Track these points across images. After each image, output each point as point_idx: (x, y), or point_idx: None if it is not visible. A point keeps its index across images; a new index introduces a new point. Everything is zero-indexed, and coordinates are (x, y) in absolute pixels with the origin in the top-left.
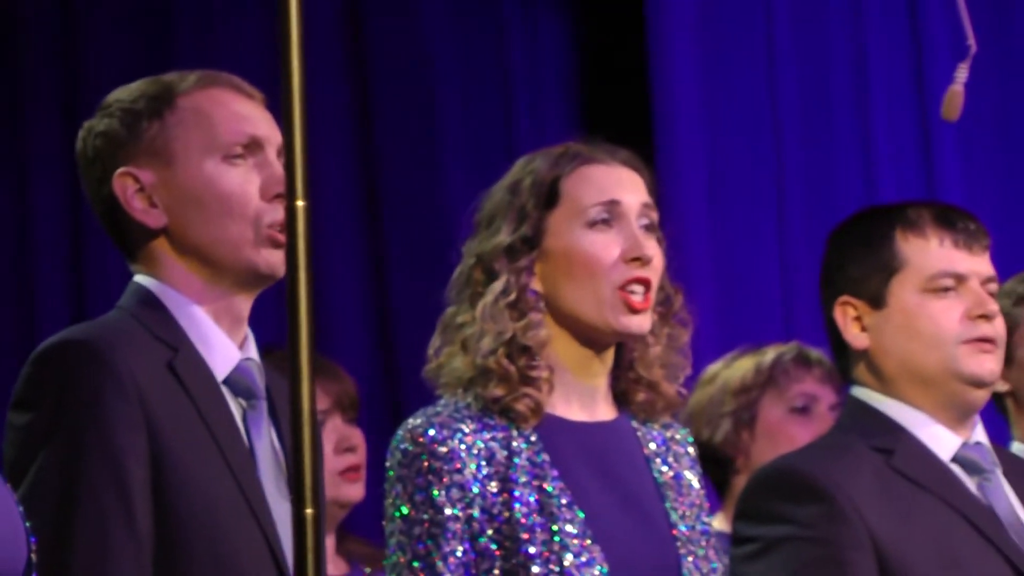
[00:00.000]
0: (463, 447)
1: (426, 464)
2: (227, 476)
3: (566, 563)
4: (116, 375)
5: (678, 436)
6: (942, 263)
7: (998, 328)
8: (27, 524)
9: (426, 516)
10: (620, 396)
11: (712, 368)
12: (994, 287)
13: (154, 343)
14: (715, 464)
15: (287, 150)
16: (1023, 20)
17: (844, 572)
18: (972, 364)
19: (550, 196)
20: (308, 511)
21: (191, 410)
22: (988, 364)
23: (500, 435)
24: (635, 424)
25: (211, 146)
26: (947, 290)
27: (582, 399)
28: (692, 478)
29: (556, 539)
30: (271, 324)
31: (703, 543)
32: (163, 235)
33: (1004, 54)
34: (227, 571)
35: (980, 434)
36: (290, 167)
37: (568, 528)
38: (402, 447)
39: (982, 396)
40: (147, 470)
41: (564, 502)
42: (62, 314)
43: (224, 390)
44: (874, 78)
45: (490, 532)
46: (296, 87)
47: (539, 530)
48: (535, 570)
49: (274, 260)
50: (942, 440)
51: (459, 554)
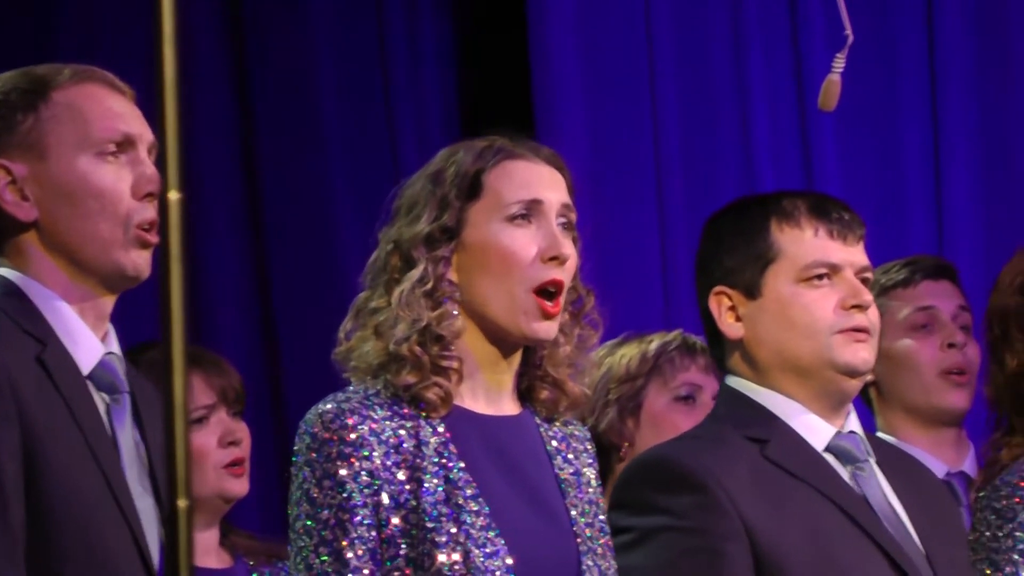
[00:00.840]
0: (372, 434)
1: (335, 450)
2: (95, 470)
3: (472, 554)
4: None
5: (578, 433)
6: (817, 253)
7: (872, 318)
8: None
9: (334, 501)
10: (524, 392)
11: (596, 354)
12: (869, 276)
13: (22, 336)
14: (598, 452)
15: (160, 142)
16: (900, 10)
17: (718, 562)
18: (846, 354)
19: (472, 188)
20: (181, 503)
21: (60, 404)
22: (862, 353)
23: (409, 423)
24: (538, 420)
25: (85, 142)
26: (821, 279)
27: (488, 393)
28: (591, 475)
29: (463, 529)
30: (149, 319)
31: (601, 540)
32: (33, 229)
33: (882, 44)
34: (96, 563)
35: (854, 423)
36: (163, 159)
37: (474, 519)
38: (311, 432)
39: (856, 386)
40: (20, 464)
41: (470, 493)
42: None
43: (88, 384)
44: (753, 68)
45: (397, 520)
46: (169, 76)
47: (446, 520)
48: (441, 559)
49: (140, 261)
50: (816, 429)
51: (367, 540)
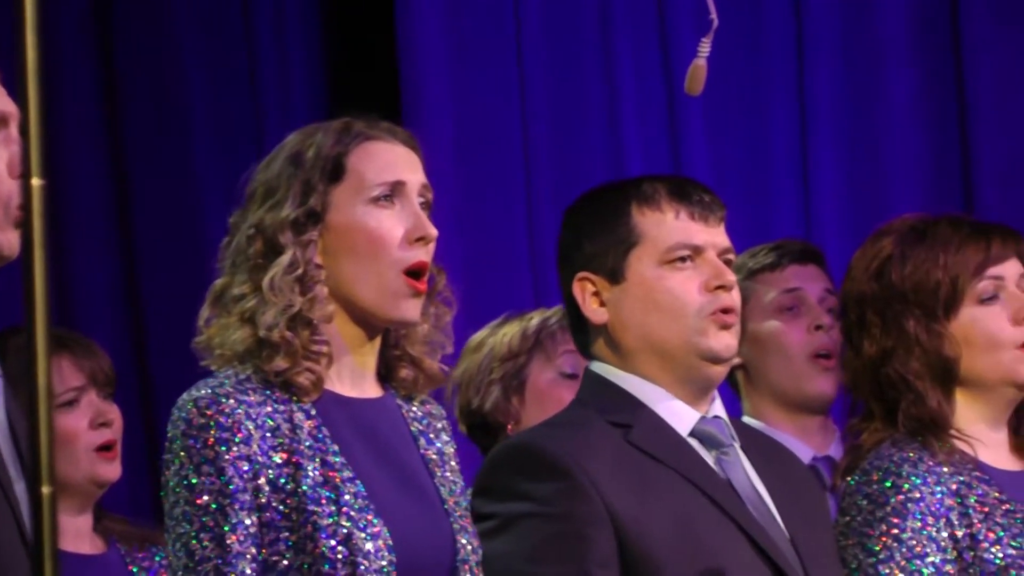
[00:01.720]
0: (249, 418)
1: (213, 435)
2: None
3: (353, 537)
4: None
5: (435, 411)
6: (678, 235)
7: (736, 299)
8: None
9: (214, 487)
10: (385, 372)
11: (478, 335)
12: (731, 258)
13: None
14: (485, 431)
15: (23, 128)
16: None
17: (583, 547)
18: (712, 340)
19: (335, 170)
20: (45, 489)
21: None
22: (726, 339)
23: (282, 407)
24: (399, 401)
25: None
26: (684, 262)
27: (353, 375)
28: (451, 453)
29: (343, 512)
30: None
31: (467, 517)
32: None
33: (749, 29)
34: None
35: (718, 408)
36: (26, 145)
37: (353, 501)
38: (187, 418)
39: (720, 372)
40: None
41: (347, 475)
42: None
43: None
44: (621, 52)
45: (277, 504)
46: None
47: (326, 503)
48: (323, 542)
49: (15, 240)
50: (680, 415)
51: (247, 525)
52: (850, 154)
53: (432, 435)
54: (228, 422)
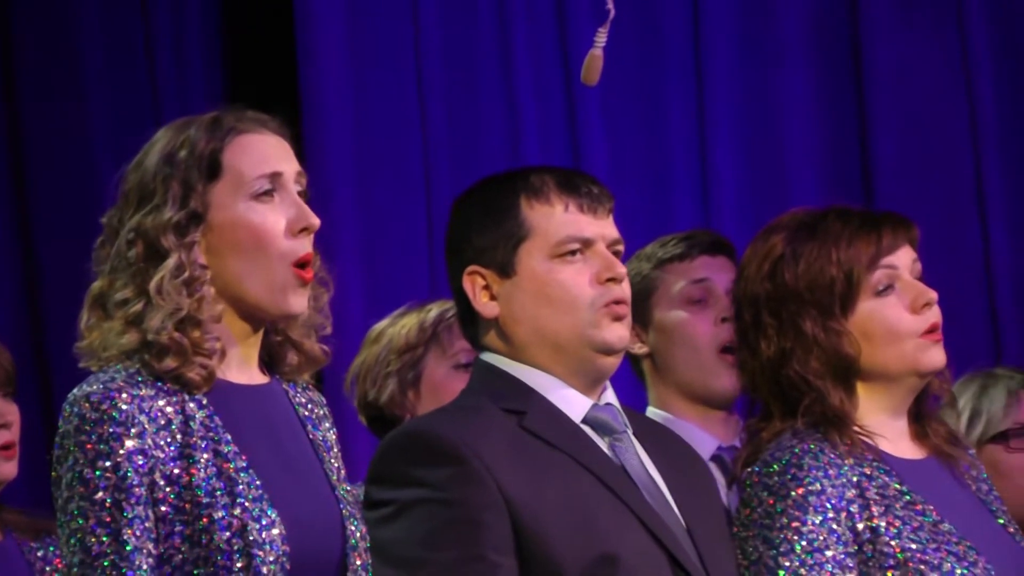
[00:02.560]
0: (142, 412)
1: (107, 430)
2: None
3: (248, 527)
4: None
5: (315, 398)
6: (569, 229)
7: (626, 290)
8: None
9: (109, 482)
10: (268, 358)
11: (378, 326)
12: (620, 249)
13: None
14: (382, 423)
15: None
16: None
17: (477, 533)
18: (605, 332)
19: (212, 168)
20: None
21: None
22: (619, 331)
23: (175, 399)
24: (285, 387)
25: None
26: (575, 255)
27: (240, 364)
28: (333, 439)
29: (237, 503)
30: None
31: (355, 504)
32: None
33: (647, 19)
34: None
35: (610, 396)
36: None
37: (247, 492)
38: (80, 413)
39: (613, 363)
40: None
41: (240, 465)
42: None
43: None
44: (518, 42)
45: (171, 497)
46: None
47: (220, 494)
48: (218, 534)
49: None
50: (572, 402)
51: (143, 519)
52: (749, 144)
53: (316, 420)
54: (122, 416)
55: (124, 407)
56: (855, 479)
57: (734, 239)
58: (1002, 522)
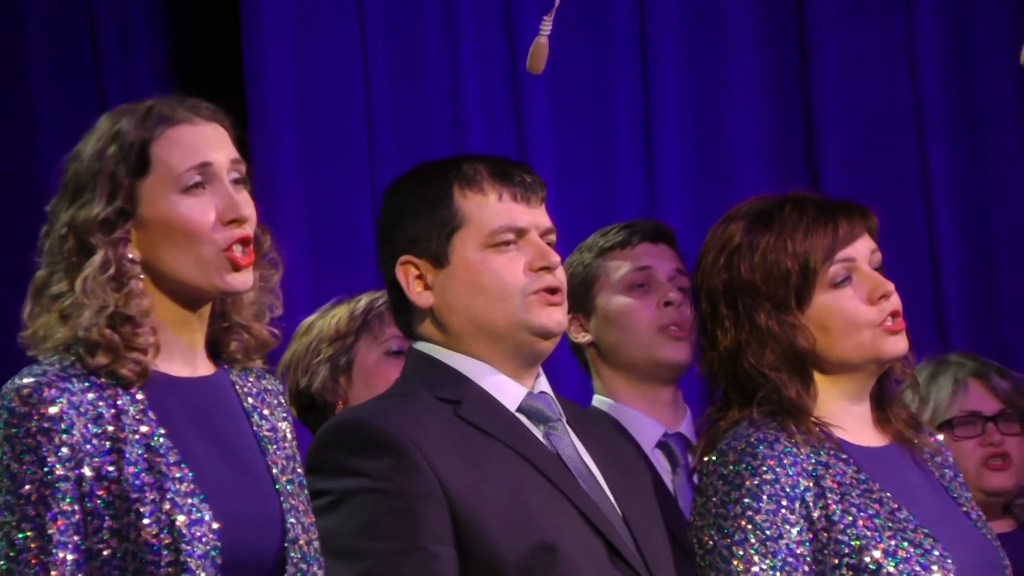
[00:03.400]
0: (72, 407)
1: (35, 424)
2: None
3: (177, 522)
4: None
5: (271, 387)
6: (502, 218)
7: (560, 278)
8: None
9: (36, 476)
10: (213, 346)
11: (308, 319)
12: (553, 238)
13: None
14: (313, 411)
15: None
16: None
17: (416, 522)
18: (541, 316)
19: (140, 163)
20: None
21: None
22: (556, 315)
23: (107, 393)
24: (233, 377)
25: None
26: (508, 244)
27: (183, 355)
28: (286, 429)
29: (167, 497)
30: None
31: (300, 495)
32: None
33: (593, 7)
34: None
35: (544, 384)
36: None
37: (178, 486)
38: (9, 407)
39: (548, 347)
40: None
41: (173, 460)
42: None
43: None
44: (463, 29)
45: (100, 492)
46: None
47: (149, 489)
48: (146, 529)
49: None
50: (507, 390)
51: (70, 515)
52: (694, 133)
53: (267, 411)
54: (51, 411)
55: (54, 401)
56: (811, 467)
57: (679, 228)
58: (964, 508)
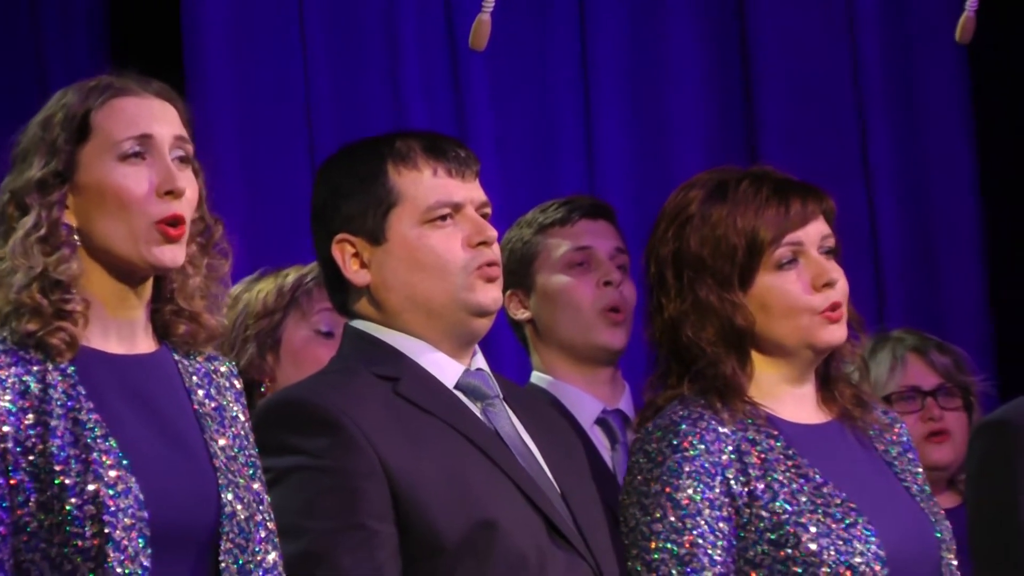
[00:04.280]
0: None
1: None
2: None
3: (101, 494)
4: None
5: (222, 368)
6: (438, 194)
7: (497, 252)
8: None
9: None
10: (162, 329)
11: (232, 291)
12: (488, 211)
13: None
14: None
15: None
16: None
17: (356, 500)
18: (478, 294)
19: (81, 130)
20: None
21: None
22: (492, 293)
23: (35, 368)
24: (177, 356)
25: None
26: (445, 220)
27: (120, 332)
28: (237, 410)
29: (90, 470)
30: None
31: (247, 473)
32: None
33: None
34: None
35: (480, 361)
36: None
37: (103, 459)
38: None
39: (485, 324)
40: None
41: (100, 434)
42: None
43: None
44: (403, 6)
45: (24, 466)
46: None
47: (74, 462)
48: (71, 501)
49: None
50: (444, 367)
51: None
52: (634, 111)
53: (214, 391)
54: None
55: None
56: (735, 445)
57: (619, 205)
58: (907, 484)
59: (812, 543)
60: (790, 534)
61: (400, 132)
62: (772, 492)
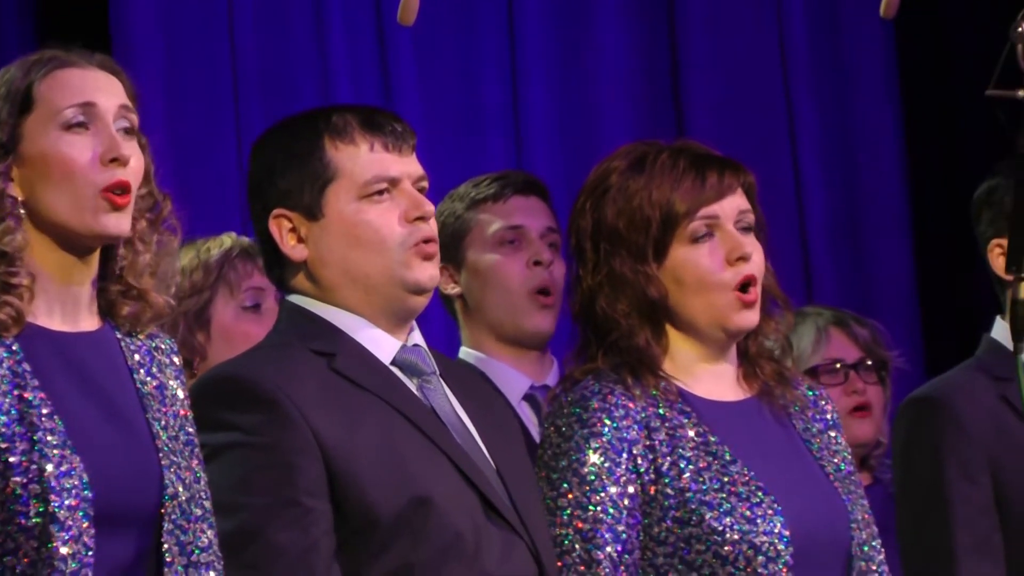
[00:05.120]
0: None
1: None
2: None
3: (46, 473)
4: None
5: (163, 346)
6: (375, 168)
7: (434, 227)
8: None
9: None
10: (107, 307)
11: None
12: (425, 185)
13: None
14: None
15: None
16: None
17: (290, 476)
18: (416, 271)
19: (24, 102)
20: None
21: None
22: (429, 270)
23: None
24: (119, 335)
25: None
26: (382, 194)
27: (64, 308)
28: (177, 388)
29: (36, 449)
30: None
31: (186, 453)
32: None
33: None
34: None
35: (417, 337)
36: None
37: (48, 438)
38: None
39: (423, 302)
40: None
41: (45, 412)
42: None
43: None
44: None
45: None
46: None
47: (19, 440)
48: (14, 479)
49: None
50: (381, 343)
51: None
52: (562, 84)
53: (155, 369)
54: None
55: None
56: (643, 420)
57: (546, 179)
58: (823, 463)
59: (716, 521)
60: (694, 512)
61: (336, 107)
62: (678, 469)
